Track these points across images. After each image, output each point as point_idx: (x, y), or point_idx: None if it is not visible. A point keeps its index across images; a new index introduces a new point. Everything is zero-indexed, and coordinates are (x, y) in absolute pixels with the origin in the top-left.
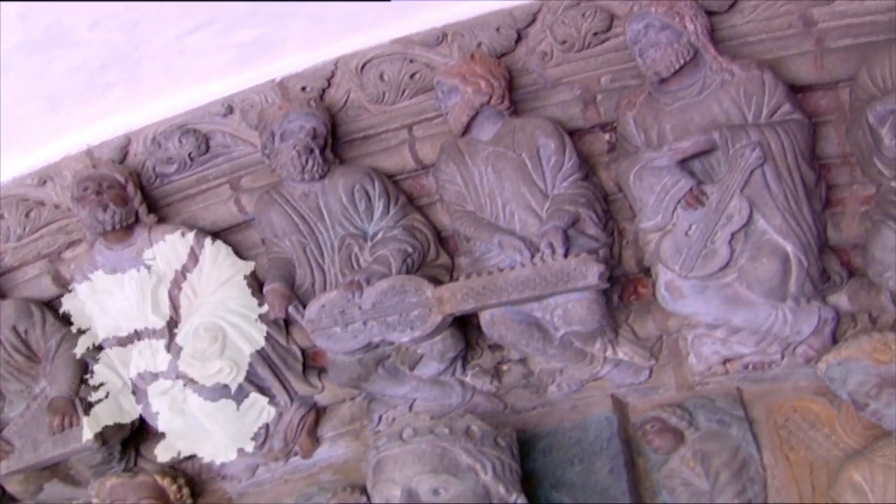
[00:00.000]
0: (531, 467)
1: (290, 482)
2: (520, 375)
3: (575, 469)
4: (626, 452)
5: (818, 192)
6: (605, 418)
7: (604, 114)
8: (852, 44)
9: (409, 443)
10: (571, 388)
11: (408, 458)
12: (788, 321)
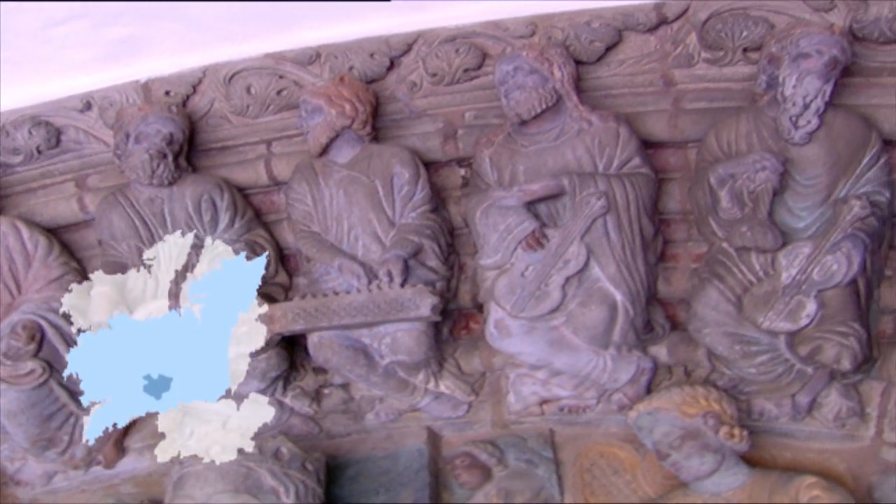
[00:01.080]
0: (337, 494)
1: (86, 492)
2: (340, 401)
3: (379, 498)
4: (432, 485)
5: (654, 246)
6: (417, 450)
7: (462, 149)
8: (706, 107)
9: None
10: (389, 418)
11: (210, 475)
12: (608, 368)
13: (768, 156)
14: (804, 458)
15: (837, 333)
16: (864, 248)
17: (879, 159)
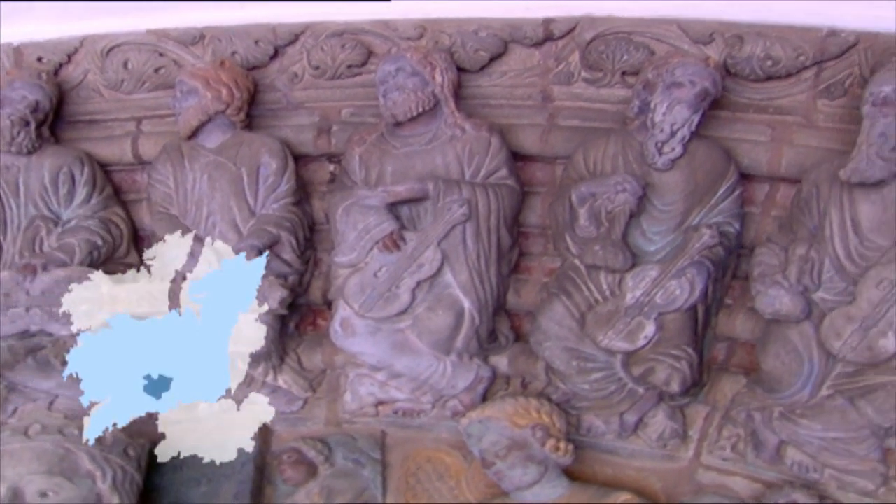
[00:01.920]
0: (158, 482)
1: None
2: None
3: (200, 489)
4: (255, 479)
5: (510, 257)
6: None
7: (335, 145)
8: (579, 125)
9: (34, 440)
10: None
11: (26, 455)
12: (447, 374)
13: (630, 178)
14: (624, 475)
15: (671, 356)
16: (707, 276)
17: (734, 191)
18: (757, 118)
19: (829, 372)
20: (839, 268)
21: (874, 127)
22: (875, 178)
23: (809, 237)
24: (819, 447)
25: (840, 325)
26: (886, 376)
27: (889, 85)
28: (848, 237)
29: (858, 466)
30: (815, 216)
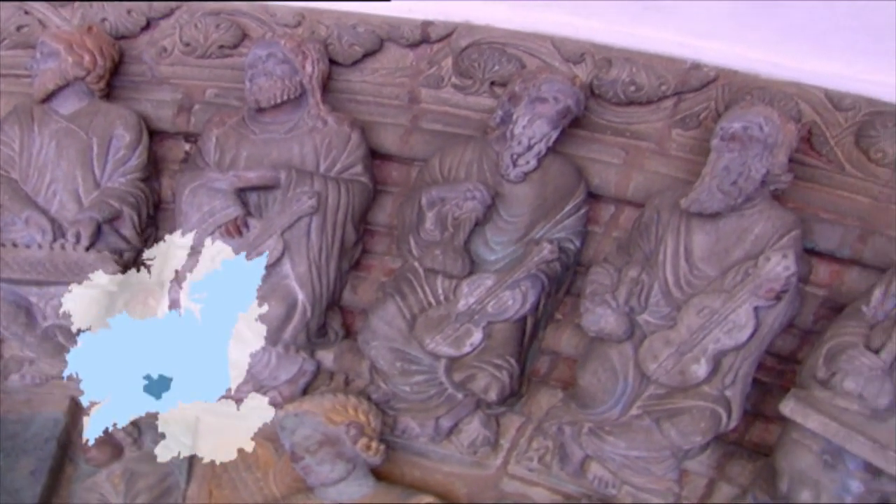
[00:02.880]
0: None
1: None
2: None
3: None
4: (56, 457)
5: (352, 254)
6: (53, 419)
7: (194, 124)
8: (440, 130)
9: None
10: (34, 381)
11: None
12: (271, 364)
13: (481, 187)
14: (431, 479)
15: (493, 365)
16: (541, 289)
17: (580, 210)
18: (613, 140)
19: (641, 392)
20: (666, 293)
21: (719, 160)
22: (713, 209)
23: (643, 261)
24: (621, 464)
25: (658, 348)
26: (694, 401)
27: (739, 122)
28: (679, 264)
29: (654, 485)
30: (653, 241)
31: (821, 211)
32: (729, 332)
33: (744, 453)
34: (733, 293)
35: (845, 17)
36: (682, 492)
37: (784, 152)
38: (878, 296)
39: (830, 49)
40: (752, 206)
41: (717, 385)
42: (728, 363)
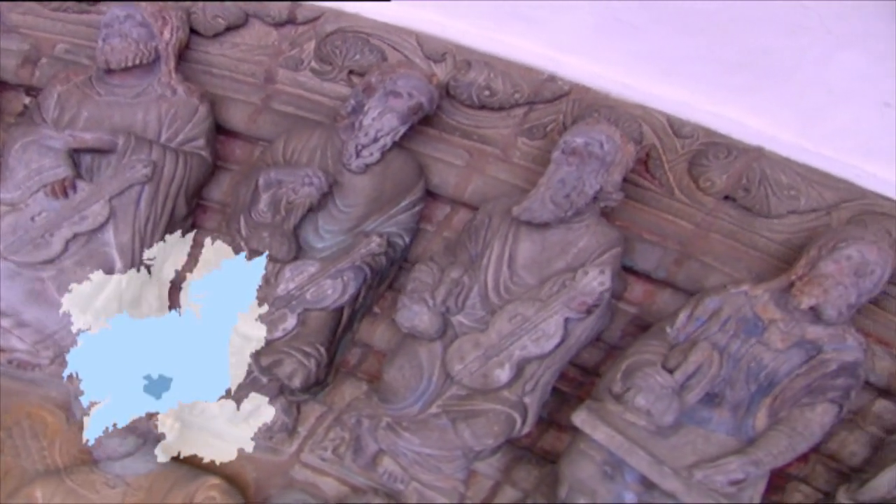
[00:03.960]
0: None
1: None
2: None
3: None
4: None
5: (180, 227)
6: None
7: (38, 78)
8: (291, 112)
9: None
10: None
11: None
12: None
13: (320, 174)
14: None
15: (301, 352)
16: (363, 281)
17: (415, 207)
18: (459, 142)
19: (443, 392)
20: (484, 297)
21: (557, 172)
22: (542, 219)
23: (468, 263)
24: (412, 460)
25: (466, 350)
26: (492, 404)
27: (582, 137)
28: (501, 270)
29: (442, 483)
30: (480, 244)
31: (645, 232)
32: (536, 341)
33: (532, 459)
34: (547, 303)
35: (697, 49)
36: (467, 492)
37: (619, 171)
38: (683, 318)
39: (679, 77)
40: (580, 221)
41: (517, 391)
42: (531, 371)
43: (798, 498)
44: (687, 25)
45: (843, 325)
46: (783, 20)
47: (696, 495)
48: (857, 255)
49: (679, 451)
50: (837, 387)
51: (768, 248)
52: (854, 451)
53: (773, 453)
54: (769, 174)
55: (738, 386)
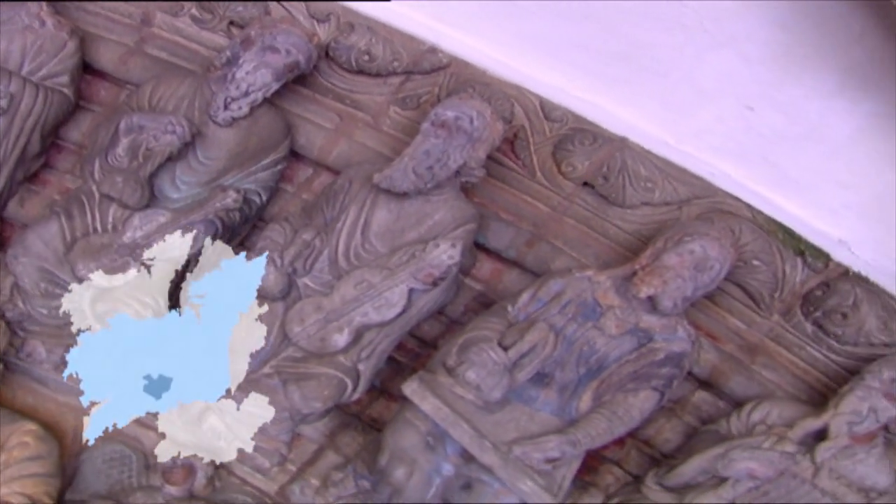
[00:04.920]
0: None
1: None
2: None
3: None
4: None
5: (30, 165)
6: None
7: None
8: (164, 58)
9: None
10: None
11: None
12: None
13: (184, 123)
14: (43, 407)
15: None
16: (213, 235)
17: (277, 166)
18: (331, 105)
19: (278, 353)
20: (334, 261)
21: (423, 144)
22: (402, 189)
23: (322, 226)
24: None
25: (307, 313)
26: (325, 368)
27: (453, 111)
28: (355, 235)
29: (264, 444)
30: (337, 209)
31: (502, 211)
32: (378, 309)
33: (359, 426)
34: (395, 272)
35: (578, 37)
36: (289, 454)
37: (485, 149)
38: (526, 298)
39: (557, 62)
40: (439, 194)
41: (353, 357)
42: (369, 338)
43: (609, 479)
44: (571, 12)
45: (676, 317)
46: (663, 16)
47: (512, 470)
48: (699, 250)
49: (502, 426)
50: (662, 375)
51: (618, 236)
52: (668, 438)
53: (592, 435)
54: (629, 165)
55: (569, 368)
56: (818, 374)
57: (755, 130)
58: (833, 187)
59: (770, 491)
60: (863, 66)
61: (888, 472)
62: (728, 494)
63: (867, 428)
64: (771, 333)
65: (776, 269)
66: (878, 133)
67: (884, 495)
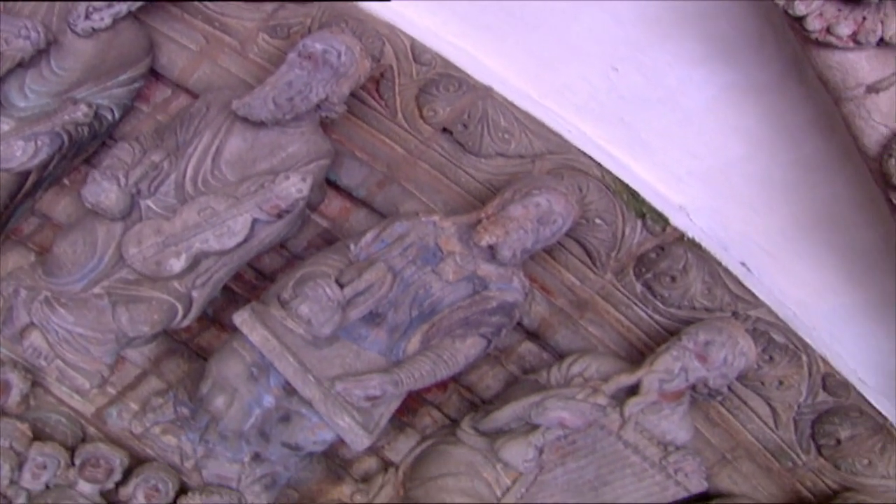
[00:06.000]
0: None
1: None
2: None
3: None
4: None
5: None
6: None
7: None
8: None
9: None
10: None
11: None
12: None
13: (39, 28)
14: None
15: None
16: (58, 149)
17: (134, 83)
18: (200, 26)
19: (111, 274)
20: (180, 185)
21: (287, 74)
22: (259, 117)
23: (173, 149)
24: (62, 338)
25: (146, 235)
26: (158, 292)
27: (321, 44)
28: (205, 161)
29: (86, 365)
30: (191, 133)
31: (358, 149)
32: (219, 237)
33: (186, 353)
34: (241, 201)
35: None
36: (110, 377)
37: (349, 85)
38: (369, 237)
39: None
40: (296, 126)
41: (187, 283)
42: (206, 265)
43: (427, 421)
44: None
45: (513, 268)
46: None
47: (331, 406)
48: (545, 204)
49: (328, 362)
50: (491, 323)
51: (469, 185)
52: (490, 385)
53: (415, 376)
54: (490, 114)
55: (402, 310)
56: (640, 333)
57: (616, 91)
58: (681, 154)
59: (577, 440)
60: (726, 38)
61: (688, 428)
62: (538, 441)
63: (676, 386)
64: (602, 291)
65: (616, 229)
66: (732, 105)
67: (680, 450)
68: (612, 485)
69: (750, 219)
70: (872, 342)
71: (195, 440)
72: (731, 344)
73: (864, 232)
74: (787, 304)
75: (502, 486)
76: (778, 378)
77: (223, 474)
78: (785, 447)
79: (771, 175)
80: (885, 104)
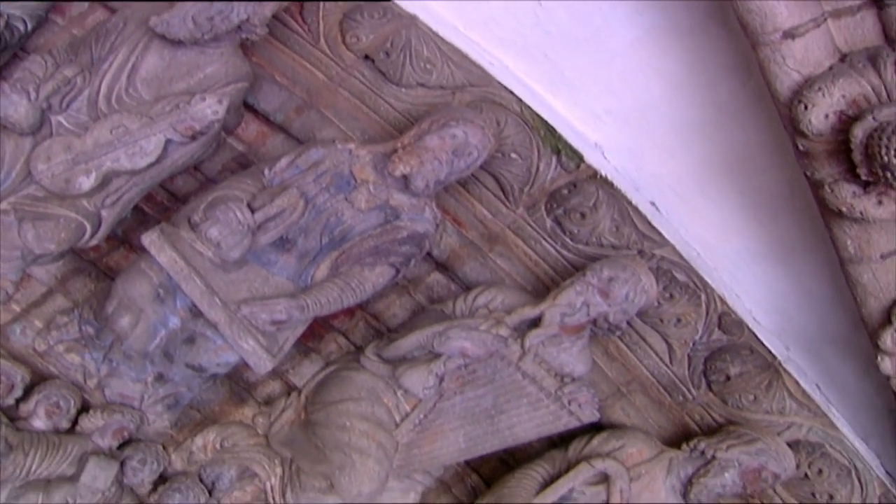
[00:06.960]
0: None
1: None
2: None
3: None
4: None
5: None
6: None
7: None
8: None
9: None
10: None
11: None
12: None
13: None
14: None
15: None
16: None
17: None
18: None
19: (18, 190)
20: (93, 102)
21: None
22: (178, 36)
23: (88, 65)
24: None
25: (55, 151)
26: (66, 210)
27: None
28: (120, 78)
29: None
30: (107, 48)
31: (277, 74)
32: (131, 156)
33: (93, 273)
34: (155, 120)
35: None
36: (15, 294)
37: (272, 7)
38: (284, 163)
39: None
40: (216, 47)
41: (97, 202)
42: (117, 184)
43: (332, 347)
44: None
45: (426, 199)
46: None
47: (237, 329)
48: (461, 136)
49: (235, 286)
50: (401, 253)
51: (388, 114)
52: (396, 313)
53: (322, 302)
54: (413, 44)
55: (312, 236)
56: (547, 268)
57: (542, 27)
58: (600, 92)
59: (477, 370)
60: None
61: (586, 362)
62: (438, 369)
63: (578, 320)
64: (513, 225)
65: (531, 164)
66: (654, 46)
67: (575, 382)
68: (507, 413)
69: (663, 160)
70: (770, 284)
71: (99, 359)
72: (633, 281)
73: (772, 177)
74: (692, 244)
75: (402, 411)
76: (676, 315)
77: (126, 393)
78: (677, 382)
79: (687, 117)
80: (800, 51)
